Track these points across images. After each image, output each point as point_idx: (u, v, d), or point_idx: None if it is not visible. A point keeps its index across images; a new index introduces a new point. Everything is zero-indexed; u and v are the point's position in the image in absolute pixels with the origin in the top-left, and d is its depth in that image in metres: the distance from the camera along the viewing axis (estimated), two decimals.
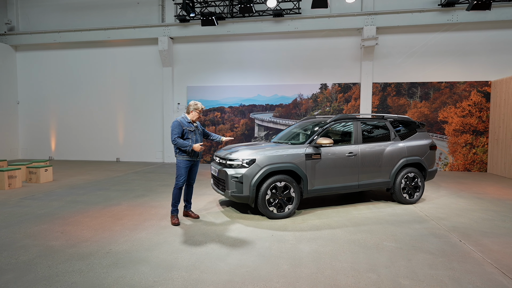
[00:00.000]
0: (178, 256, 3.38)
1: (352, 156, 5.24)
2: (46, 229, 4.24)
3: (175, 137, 4.39)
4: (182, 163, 4.47)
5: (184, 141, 4.39)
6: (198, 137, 4.58)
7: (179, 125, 4.43)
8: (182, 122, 4.46)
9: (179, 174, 4.48)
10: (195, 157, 4.55)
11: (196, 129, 4.57)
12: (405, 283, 2.84)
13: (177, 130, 4.41)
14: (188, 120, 4.53)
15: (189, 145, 4.38)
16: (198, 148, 4.40)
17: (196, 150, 4.41)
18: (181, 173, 4.47)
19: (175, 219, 4.49)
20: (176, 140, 4.37)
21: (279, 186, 4.72)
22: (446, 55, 10.18)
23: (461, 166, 10.05)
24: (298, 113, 11.11)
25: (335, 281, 2.88)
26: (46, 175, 7.74)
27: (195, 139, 4.52)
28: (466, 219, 4.78)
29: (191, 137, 4.47)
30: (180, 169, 4.47)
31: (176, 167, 4.51)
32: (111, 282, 2.82)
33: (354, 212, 5.18)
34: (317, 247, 3.67)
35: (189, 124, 4.51)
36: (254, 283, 2.84)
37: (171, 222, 4.51)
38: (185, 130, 4.44)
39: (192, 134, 4.49)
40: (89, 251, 3.51)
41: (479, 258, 3.38)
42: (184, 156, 4.46)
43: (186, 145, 4.36)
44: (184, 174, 4.48)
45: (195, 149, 4.39)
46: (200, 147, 4.41)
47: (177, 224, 4.45)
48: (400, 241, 3.87)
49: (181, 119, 4.51)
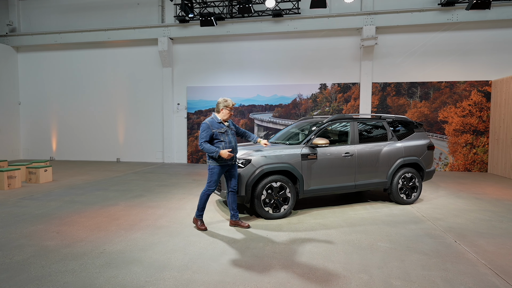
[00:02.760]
0: (171, 257, 3.39)
1: (349, 156, 5.22)
2: (42, 229, 4.26)
3: (202, 141, 4.07)
4: (215, 168, 4.13)
5: (210, 147, 4.04)
6: (231, 138, 4.20)
7: (207, 128, 4.09)
8: (211, 124, 4.11)
9: (212, 180, 4.16)
10: (230, 161, 4.17)
11: (228, 129, 4.21)
12: (397, 283, 2.83)
13: (205, 133, 4.07)
14: (218, 120, 4.18)
15: (216, 151, 4.01)
16: (226, 155, 3.98)
17: (223, 157, 4.00)
18: (214, 179, 4.15)
19: (200, 224, 4.24)
20: (203, 145, 4.05)
21: (274, 186, 4.72)
22: (446, 55, 10.13)
23: (461, 166, 9.99)
24: (297, 113, 11.10)
25: (326, 281, 2.88)
26: (46, 175, 7.79)
27: (228, 141, 4.14)
28: (463, 220, 4.76)
29: (223, 139, 4.11)
30: (213, 175, 4.15)
31: (209, 172, 4.17)
32: (103, 282, 2.83)
33: (351, 212, 5.17)
34: (311, 247, 3.66)
35: (219, 125, 4.16)
36: (245, 283, 2.84)
37: (196, 227, 4.26)
38: (215, 132, 4.09)
39: (224, 136, 4.12)
40: (83, 251, 3.53)
41: (473, 259, 3.36)
42: (216, 161, 4.11)
43: (212, 151, 4.01)
44: (217, 180, 4.18)
45: (223, 155, 3.98)
46: (228, 154, 3.99)
47: (203, 229, 4.19)
48: (394, 241, 3.85)
49: (211, 120, 4.16)
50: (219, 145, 4.11)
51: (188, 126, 11.79)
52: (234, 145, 4.24)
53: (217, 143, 4.12)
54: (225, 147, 4.12)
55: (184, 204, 5.64)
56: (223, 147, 4.11)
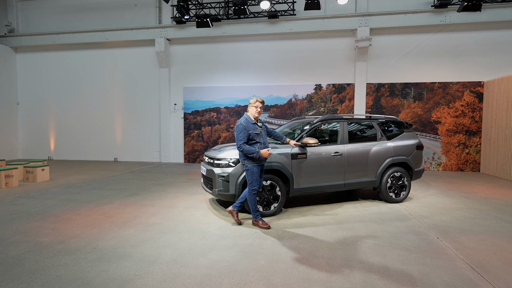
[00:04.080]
0: (162, 252, 3.51)
1: (338, 155, 5.35)
2: (37, 226, 4.38)
3: (240, 143, 4.15)
4: (253, 168, 4.24)
5: (250, 148, 4.14)
6: (265, 139, 4.33)
7: (244, 129, 4.16)
8: (247, 125, 4.20)
9: (253, 180, 4.27)
10: (264, 161, 4.34)
11: (262, 129, 4.32)
12: (375, 277, 2.95)
13: (242, 135, 4.15)
14: (252, 121, 4.26)
15: (256, 151, 4.13)
16: (267, 154, 4.15)
17: (264, 156, 4.17)
18: (255, 178, 4.27)
19: (261, 223, 4.32)
20: (242, 146, 4.14)
21: (265, 185, 4.84)
22: (439, 56, 10.26)
23: (454, 166, 10.12)
24: (293, 113, 11.22)
25: (308, 275, 3.00)
26: (43, 174, 7.91)
27: (263, 142, 4.27)
28: (448, 218, 4.88)
29: (258, 140, 4.20)
30: (253, 175, 4.25)
31: (247, 173, 4.28)
32: (94, 275, 2.96)
33: (340, 210, 5.29)
34: (297, 243, 3.78)
35: (254, 126, 4.24)
36: (230, 277, 2.96)
37: (261, 228, 4.29)
38: (251, 134, 4.17)
39: (259, 137, 4.22)
40: (76, 246, 3.65)
41: (452, 254, 3.49)
42: (254, 161, 4.23)
43: (253, 152, 4.12)
44: (257, 179, 4.30)
45: (263, 155, 4.14)
46: (268, 152, 4.15)
47: (268, 227, 4.27)
48: (379, 238, 3.98)
49: (245, 122, 4.22)
50: (255, 146, 4.21)
51: (185, 126, 11.91)
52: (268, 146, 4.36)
53: (254, 144, 4.21)
54: (261, 148, 4.24)
55: (178, 203, 5.76)
56: (259, 148, 4.22)
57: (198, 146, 11.77)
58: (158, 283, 2.84)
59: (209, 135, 11.75)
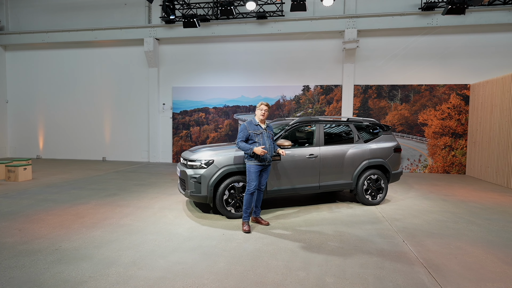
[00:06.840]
0: (123, 254, 3.50)
1: (313, 158, 5.34)
2: (5, 226, 4.37)
3: (238, 140, 4.34)
4: (252, 167, 4.30)
5: (245, 145, 4.28)
6: (266, 140, 4.35)
7: (244, 129, 4.35)
8: (248, 125, 4.36)
9: (250, 179, 4.31)
10: (264, 161, 4.33)
11: (264, 131, 4.40)
12: (330, 281, 2.96)
13: (242, 134, 4.35)
14: (255, 122, 4.41)
15: (250, 148, 4.23)
16: (259, 152, 4.16)
17: (257, 153, 4.19)
18: (252, 178, 4.30)
19: (245, 226, 4.28)
20: (239, 143, 4.32)
21: (237, 186, 4.84)
22: (426, 58, 10.28)
23: (440, 168, 10.14)
24: (281, 114, 11.22)
25: (263, 278, 3.00)
26: (25, 173, 7.89)
27: (262, 142, 4.30)
28: (420, 221, 4.89)
29: (257, 140, 4.30)
30: (250, 174, 4.31)
31: (247, 172, 4.37)
32: (47, 277, 2.95)
33: (314, 212, 5.29)
34: (261, 246, 3.78)
35: (256, 127, 4.37)
36: (184, 279, 2.96)
37: (242, 229, 4.29)
38: (250, 133, 4.32)
39: (258, 137, 4.31)
40: (39, 247, 3.64)
41: (413, 258, 3.49)
42: (253, 160, 4.29)
43: (247, 148, 4.26)
44: (255, 179, 4.31)
45: (256, 152, 4.17)
46: (262, 150, 4.16)
47: (248, 231, 4.22)
48: (345, 241, 3.98)
49: (248, 122, 4.41)
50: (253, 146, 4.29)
51: (173, 126, 11.90)
52: (268, 147, 4.36)
53: (251, 144, 4.31)
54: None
55: (154, 204, 5.75)
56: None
57: (187, 146, 11.76)
58: (111, 285, 2.83)
59: (198, 135, 11.75)
